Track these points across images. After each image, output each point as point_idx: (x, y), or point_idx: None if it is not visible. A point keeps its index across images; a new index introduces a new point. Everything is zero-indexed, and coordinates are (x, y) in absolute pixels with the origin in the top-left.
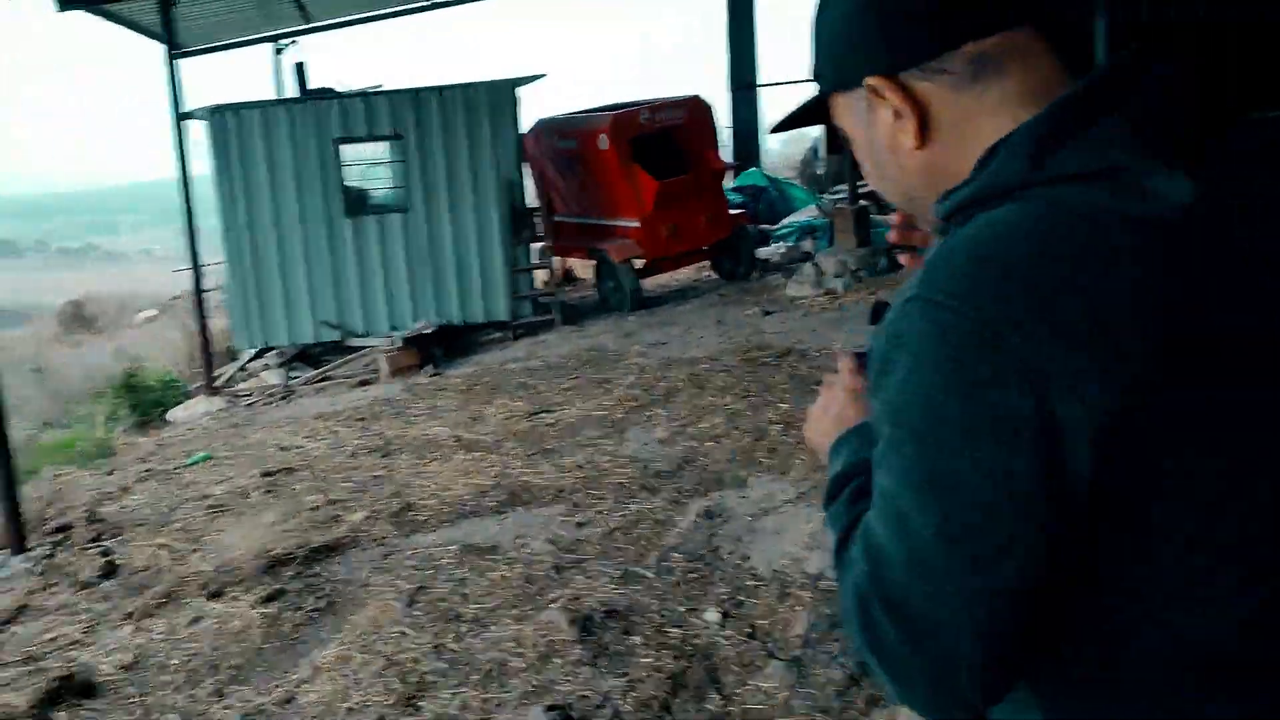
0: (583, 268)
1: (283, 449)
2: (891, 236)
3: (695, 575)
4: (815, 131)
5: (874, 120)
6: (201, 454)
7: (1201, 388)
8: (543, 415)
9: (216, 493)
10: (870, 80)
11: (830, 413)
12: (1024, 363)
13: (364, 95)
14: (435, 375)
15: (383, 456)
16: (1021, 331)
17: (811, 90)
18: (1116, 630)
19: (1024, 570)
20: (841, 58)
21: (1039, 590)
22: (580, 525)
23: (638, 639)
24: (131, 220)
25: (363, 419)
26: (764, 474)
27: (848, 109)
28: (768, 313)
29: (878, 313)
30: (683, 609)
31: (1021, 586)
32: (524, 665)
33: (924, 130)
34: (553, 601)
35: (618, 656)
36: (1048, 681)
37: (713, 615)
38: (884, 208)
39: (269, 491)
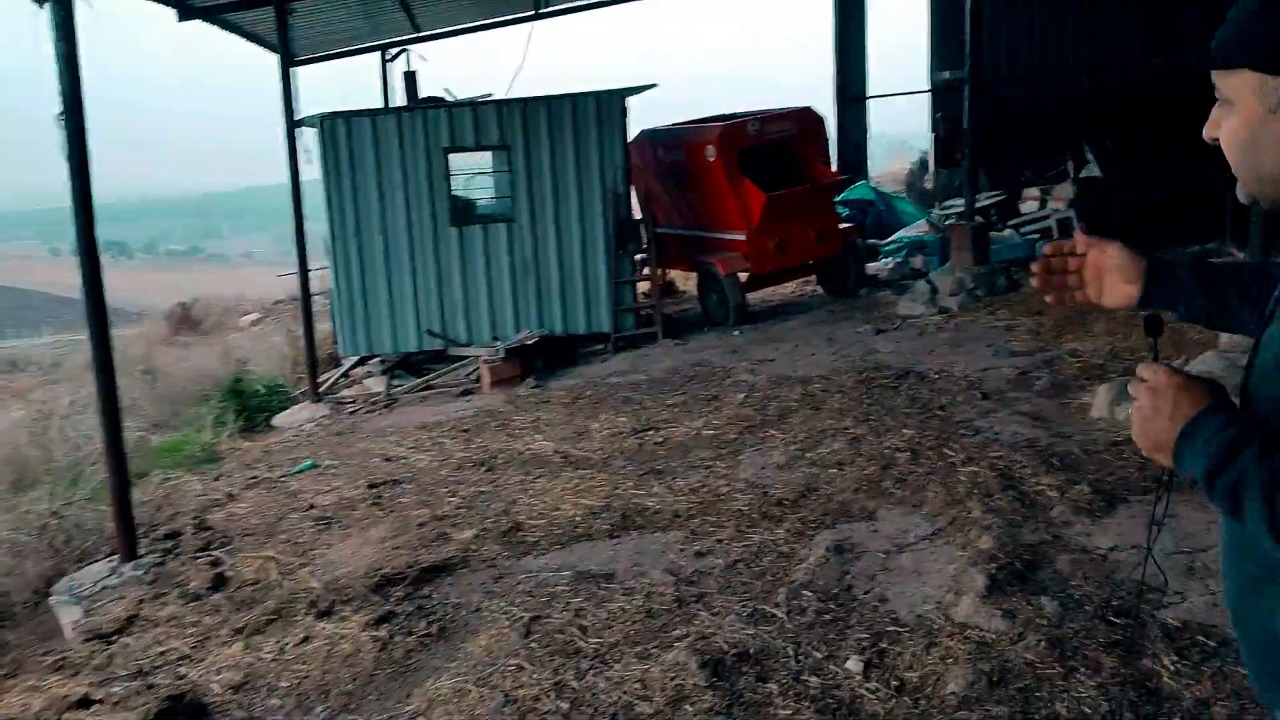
0: (684, 280)
1: (387, 459)
2: (1036, 282)
3: (830, 617)
4: (923, 144)
5: (1265, 104)
6: (307, 462)
7: None
8: (650, 433)
9: (323, 503)
10: None
11: (1163, 413)
12: None
13: (473, 105)
14: (537, 387)
15: (488, 471)
16: None
17: (919, 100)
18: None
19: None
20: (1261, 42)
21: None
22: (700, 555)
23: (774, 687)
24: (234, 224)
25: (466, 431)
26: (894, 506)
27: (1247, 85)
28: (880, 331)
29: (1151, 326)
30: (820, 655)
31: None
32: (652, 711)
33: None
34: (678, 639)
35: (754, 707)
36: None
37: (854, 664)
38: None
39: (375, 504)
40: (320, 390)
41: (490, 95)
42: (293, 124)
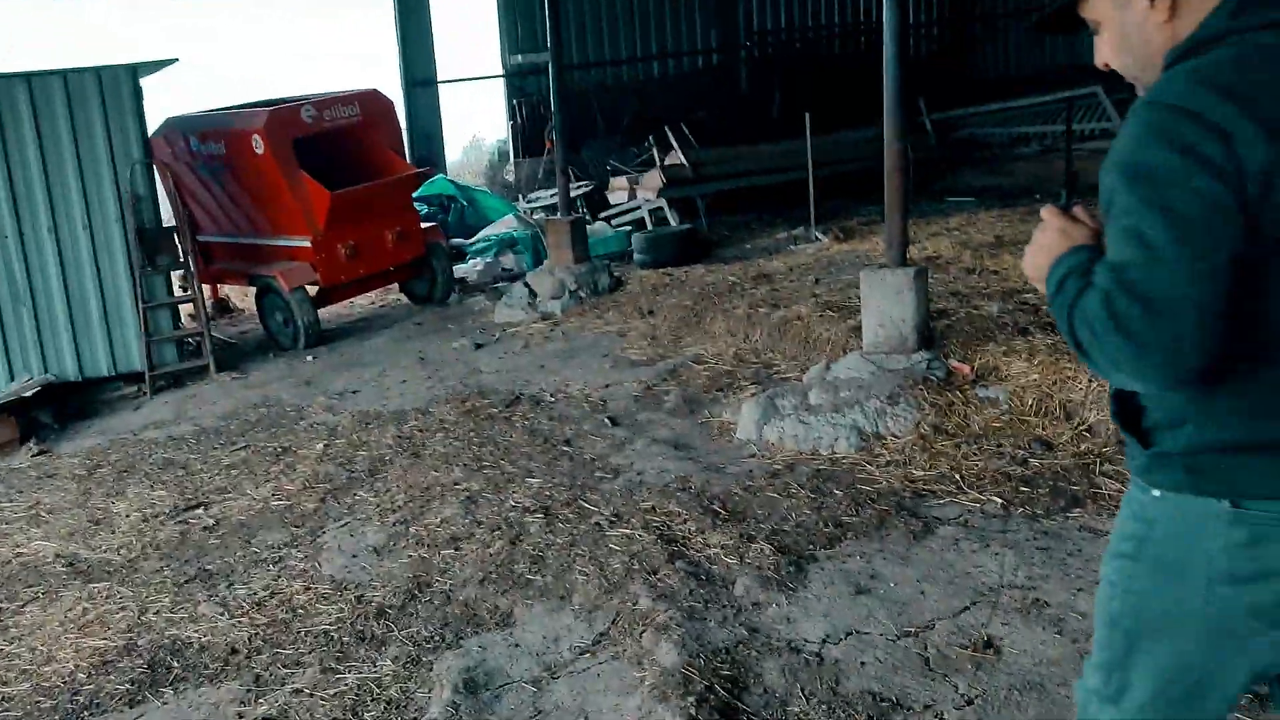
0: (242, 296)
1: None
2: None
3: None
4: (499, 134)
5: (1130, 5)
6: None
7: None
8: (198, 511)
9: None
10: None
11: (1044, 246)
12: (1218, 128)
13: None
14: (41, 454)
15: None
16: (1216, 111)
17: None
18: (1267, 349)
19: (1228, 259)
20: None
21: (1237, 280)
22: None
23: None
24: None
25: None
26: (535, 600)
27: (1107, 2)
28: (479, 345)
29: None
30: None
31: (1227, 271)
32: None
33: (1173, 8)
34: None
35: None
36: (1205, 395)
37: None
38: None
39: None
40: None
41: None
42: None
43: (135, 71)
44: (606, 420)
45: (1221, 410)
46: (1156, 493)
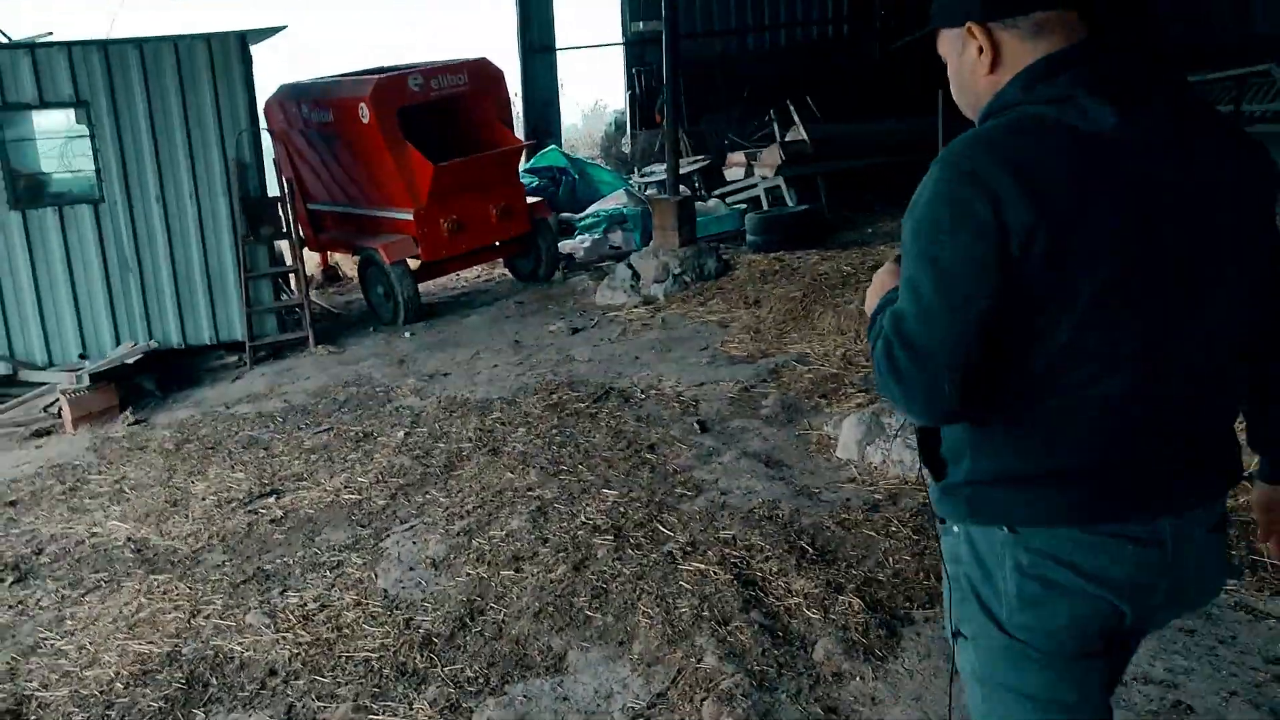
0: (351, 264)
1: None
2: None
3: None
4: (619, 103)
5: (965, 51)
6: None
7: (1076, 234)
8: (270, 500)
9: None
10: (969, 24)
11: (878, 284)
12: (990, 190)
13: (30, 47)
14: (138, 423)
15: (17, 582)
16: (990, 174)
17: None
18: (1033, 388)
19: (984, 315)
20: (953, 5)
21: (993, 332)
22: None
23: None
24: None
25: (13, 503)
26: (591, 644)
27: (949, 40)
28: (576, 329)
29: None
30: None
31: (981, 326)
32: None
33: (995, 63)
34: None
35: None
36: (980, 430)
37: None
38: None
39: None
40: None
41: (50, 35)
42: None
43: (245, 38)
44: (696, 425)
45: (996, 444)
46: (956, 529)
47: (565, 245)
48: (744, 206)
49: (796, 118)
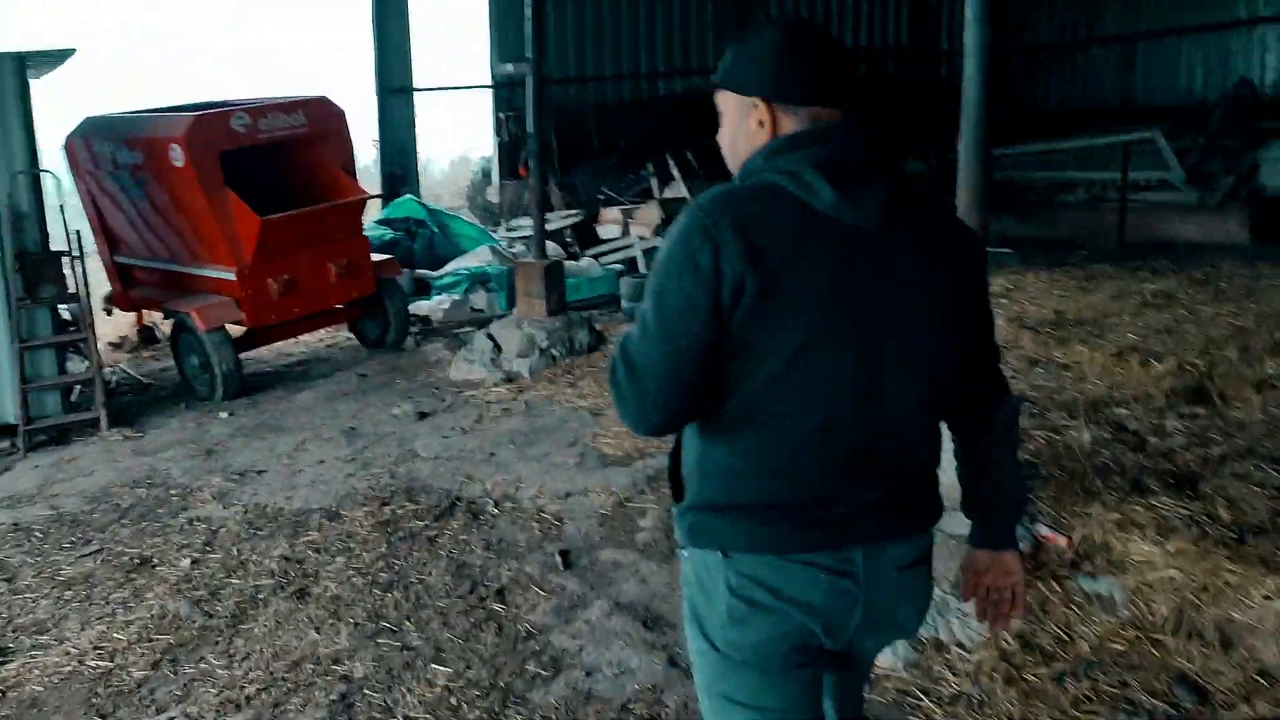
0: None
1: None
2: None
3: None
4: (485, 150)
5: (747, 117)
6: None
7: (780, 288)
8: None
9: None
10: (756, 98)
11: None
12: (714, 239)
13: None
14: None
15: None
16: (719, 227)
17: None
18: (742, 420)
19: (691, 345)
20: (748, 77)
21: (698, 361)
22: None
23: None
24: None
25: None
26: None
27: (733, 102)
28: (424, 414)
29: None
30: None
31: (690, 356)
32: None
33: (770, 135)
34: None
35: None
36: (700, 433)
37: None
38: (577, 256)
39: None
40: None
41: None
42: None
43: (22, 61)
44: (558, 557)
45: (716, 472)
46: (685, 553)
47: (421, 306)
48: (620, 267)
49: (676, 173)
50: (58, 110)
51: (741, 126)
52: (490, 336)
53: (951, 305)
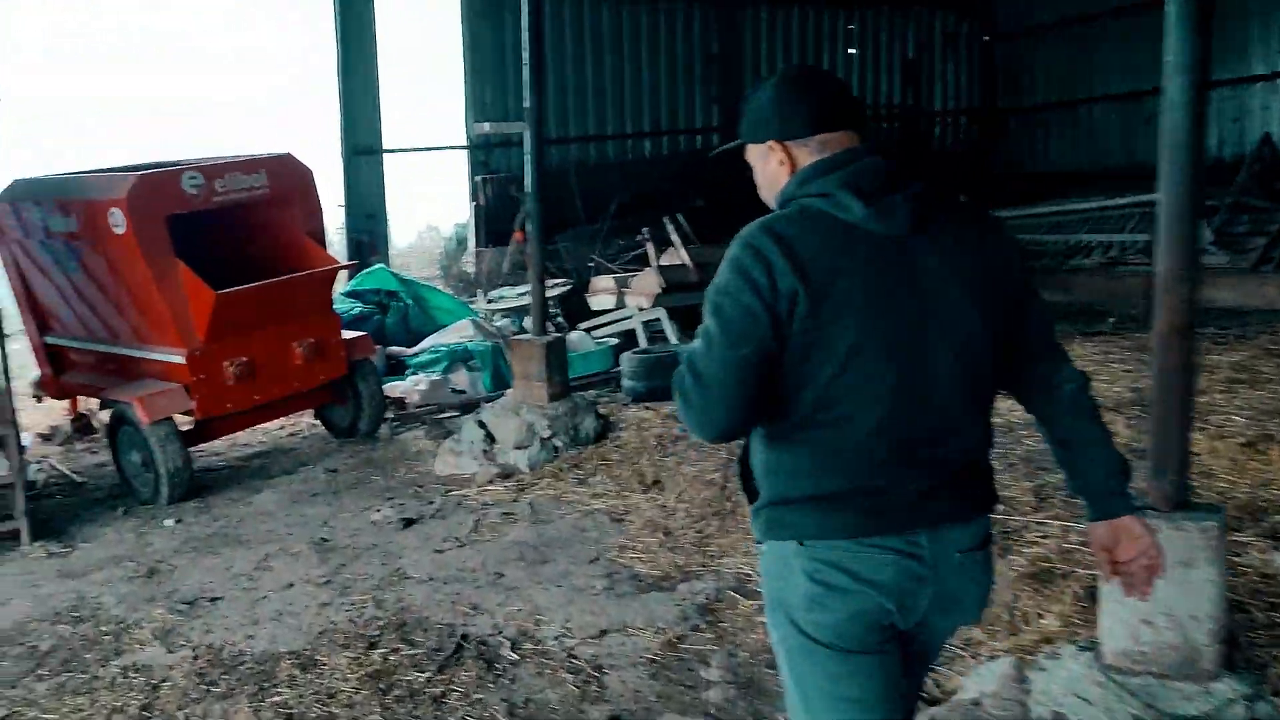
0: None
1: None
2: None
3: None
4: (460, 217)
5: (769, 160)
6: None
7: (829, 298)
8: None
9: None
10: (770, 142)
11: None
12: (766, 260)
13: None
14: None
15: None
16: (767, 248)
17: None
18: (807, 422)
19: (755, 355)
20: (759, 126)
21: (759, 369)
22: None
23: None
24: None
25: None
26: None
27: (756, 152)
28: (409, 520)
29: None
30: None
31: (753, 364)
32: None
33: (792, 169)
34: None
35: None
36: (767, 437)
37: None
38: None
39: None
40: None
41: None
42: None
43: None
44: None
45: (785, 471)
46: (763, 546)
47: (396, 387)
48: (616, 342)
49: (675, 237)
50: None
51: (768, 170)
52: (482, 424)
53: (989, 295)
